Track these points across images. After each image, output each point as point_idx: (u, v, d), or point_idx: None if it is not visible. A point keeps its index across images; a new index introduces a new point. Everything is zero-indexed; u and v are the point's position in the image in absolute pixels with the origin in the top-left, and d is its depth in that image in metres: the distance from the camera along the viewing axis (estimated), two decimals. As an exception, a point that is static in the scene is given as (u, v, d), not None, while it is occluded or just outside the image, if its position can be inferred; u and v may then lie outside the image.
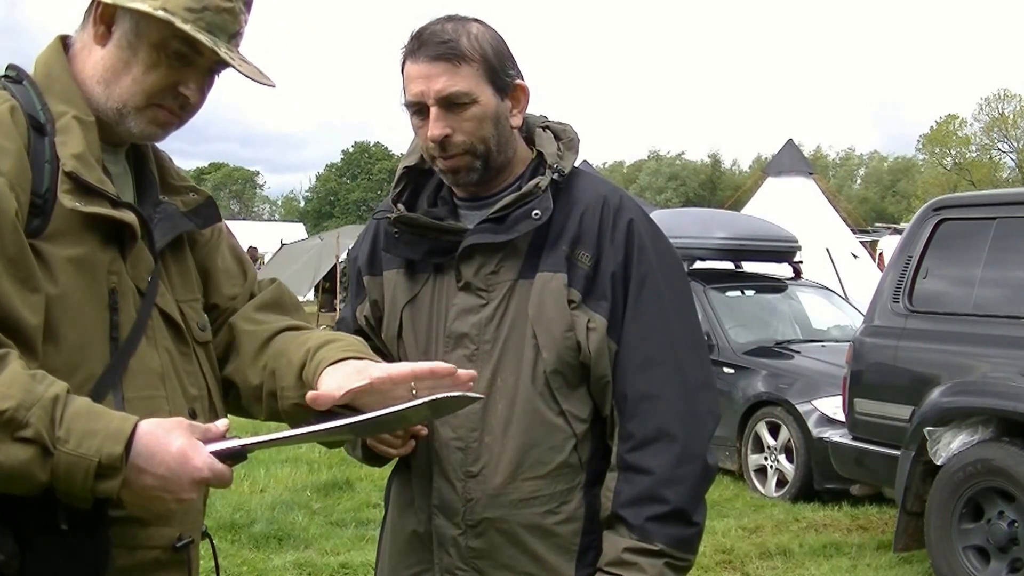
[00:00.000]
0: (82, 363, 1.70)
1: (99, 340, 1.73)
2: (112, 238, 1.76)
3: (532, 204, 2.11)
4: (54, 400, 1.54)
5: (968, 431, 6.01)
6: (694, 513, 2.09)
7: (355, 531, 7.07)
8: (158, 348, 1.84)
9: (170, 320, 1.88)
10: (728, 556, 6.82)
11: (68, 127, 1.75)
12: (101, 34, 1.82)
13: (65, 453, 1.52)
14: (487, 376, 2.12)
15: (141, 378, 1.78)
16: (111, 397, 1.72)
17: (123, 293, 1.77)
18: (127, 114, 1.82)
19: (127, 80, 1.80)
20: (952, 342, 6.34)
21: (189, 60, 1.81)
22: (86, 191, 1.71)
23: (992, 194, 7.65)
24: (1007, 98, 67.59)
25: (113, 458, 1.54)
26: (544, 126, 2.28)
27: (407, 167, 2.26)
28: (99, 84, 1.82)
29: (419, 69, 2.07)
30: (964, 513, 5.97)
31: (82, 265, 1.71)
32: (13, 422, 1.50)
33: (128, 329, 1.78)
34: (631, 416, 2.10)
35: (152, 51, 1.79)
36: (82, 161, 1.72)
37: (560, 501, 2.14)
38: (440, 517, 2.16)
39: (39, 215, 1.67)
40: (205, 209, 2.00)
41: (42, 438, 1.51)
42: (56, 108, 1.77)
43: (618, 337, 2.11)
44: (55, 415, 1.53)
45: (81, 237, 1.71)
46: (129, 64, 1.80)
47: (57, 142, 1.73)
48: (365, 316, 2.31)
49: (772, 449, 8.81)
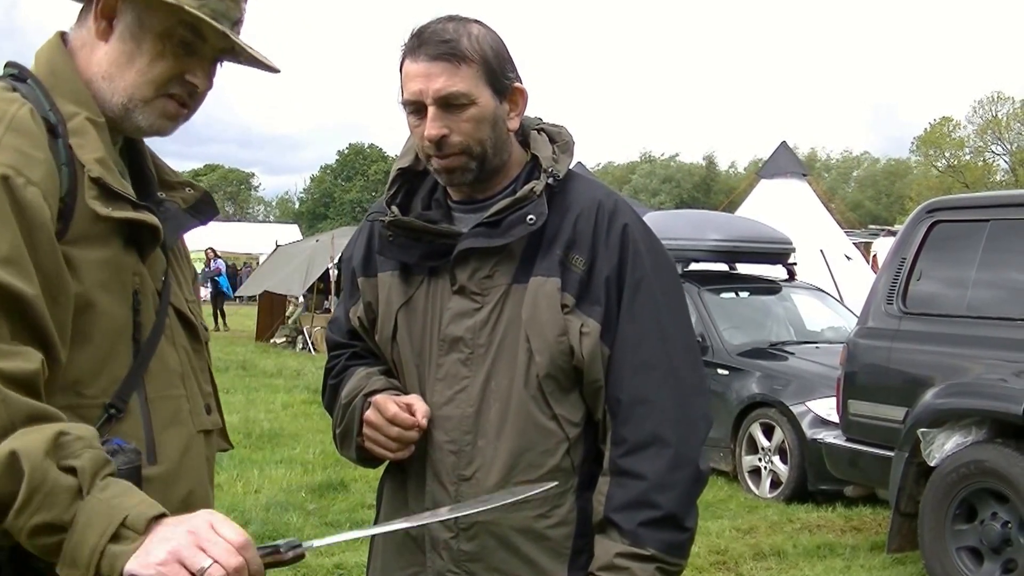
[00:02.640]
0: (107, 364, 1.69)
1: (123, 342, 1.72)
2: (131, 240, 1.75)
3: (527, 209, 2.11)
4: (107, 460, 1.49)
5: (962, 432, 6.02)
6: (686, 518, 2.09)
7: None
8: (176, 347, 1.84)
9: (184, 318, 1.89)
10: (722, 557, 6.83)
11: (82, 129, 1.72)
12: (103, 29, 1.79)
13: (96, 499, 1.44)
14: (481, 380, 2.12)
15: (162, 377, 1.78)
16: (135, 397, 1.72)
17: (144, 294, 1.77)
18: (134, 108, 1.79)
19: (132, 73, 1.77)
20: (946, 344, 6.36)
21: (194, 48, 1.79)
22: (110, 196, 1.69)
23: (986, 196, 7.67)
24: (1000, 100, 67.69)
25: (141, 519, 1.44)
26: (539, 128, 2.27)
27: (401, 168, 2.26)
28: (104, 80, 1.79)
29: (418, 68, 2.06)
30: (957, 514, 5.98)
31: (108, 267, 1.70)
32: (68, 447, 1.45)
33: (148, 329, 1.77)
34: (624, 421, 2.10)
35: (157, 41, 1.76)
36: (104, 165, 1.70)
37: (552, 505, 2.13)
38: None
39: (61, 219, 1.65)
40: (204, 204, 1.98)
41: (84, 476, 1.44)
42: (66, 109, 1.73)
43: (611, 342, 2.11)
44: (102, 469, 1.48)
45: (104, 240, 1.70)
46: (133, 56, 1.77)
47: (73, 144, 1.70)
48: (359, 317, 2.30)
49: (766, 450, 8.82)
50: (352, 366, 2.31)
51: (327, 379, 2.36)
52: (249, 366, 17.95)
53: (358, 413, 2.18)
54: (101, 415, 1.68)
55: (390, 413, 2.10)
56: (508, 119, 2.15)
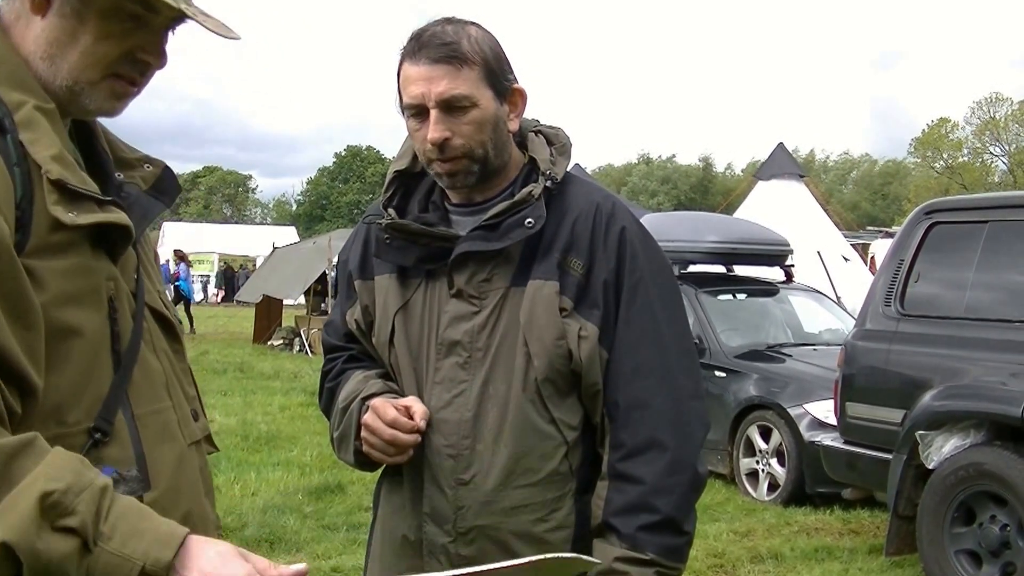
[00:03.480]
0: (88, 384, 1.52)
1: (103, 355, 1.54)
2: (100, 242, 1.55)
3: (525, 212, 2.10)
4: (103, 490, 1.36)
5: (960, 435, 6.01)
6: (684, 522, 2.09)
7: (347, 535, 7.05)
8: (157, 352, 1.67)
9: (161, 318, 1.72)
10: (719, 560, 6.81)
11: (32, 120, 1.51)
12: (39, 3, 1.56)
13: (107, 552, 1.33)
14: (479, 384, 2.11)
15: (146, 389, 1.61)
16: (121, 415, 1.55)
17: (120, 299, 1.58)
18: (80, 91, 1.59)
19: (75, 53, 1.56)
20: (944, 346, 6.34)
21: (144, 21, 1.58)
22: (73, 198, 1.50)
23: (984, 197, 7.67)
24: (999, 101, 67.76)
25: (159, 565, 1.34)
26: (536, 130, 2.27)
27: (398, 171, 2.25)
28: (43, 61, 1.57)
29: (419, 71, 2.05)
30: (956, 517, 5.96)
31: (79, 277, 1.51)
32: (59, 507, 1.31)
33: (127, 338, 1.59)
34: (622, 425, 2.10)
35: (102, 17, 1.55)
36: (63, 163, 1.51)
37: (551, 509, 2.13)
38: (431, 524, 2.15)
39: (19, 228, 1.44)
40: (166, 183, 1.76)
41: (86, 530, 1.32)
42: (9, 98, 1.52)
43: (609, 345, 2.11)
44: (102, 507, 1.35)
45: (72, 247, 1.50)
46: (76, 34, 1.56)
47: (24, 140, 1.49)
48: (356, 320, 2.29)
49: (764, 453, 8.80)
50: (349, 369, 2.30)
51: (324, 382, 2.36)
52: (246, 368, 17.93)
53: (355, 417, 2.17)
54: (85, 442, 1.50)
55: (389, 417, 2.09)
56: (508, 120, 2.15)
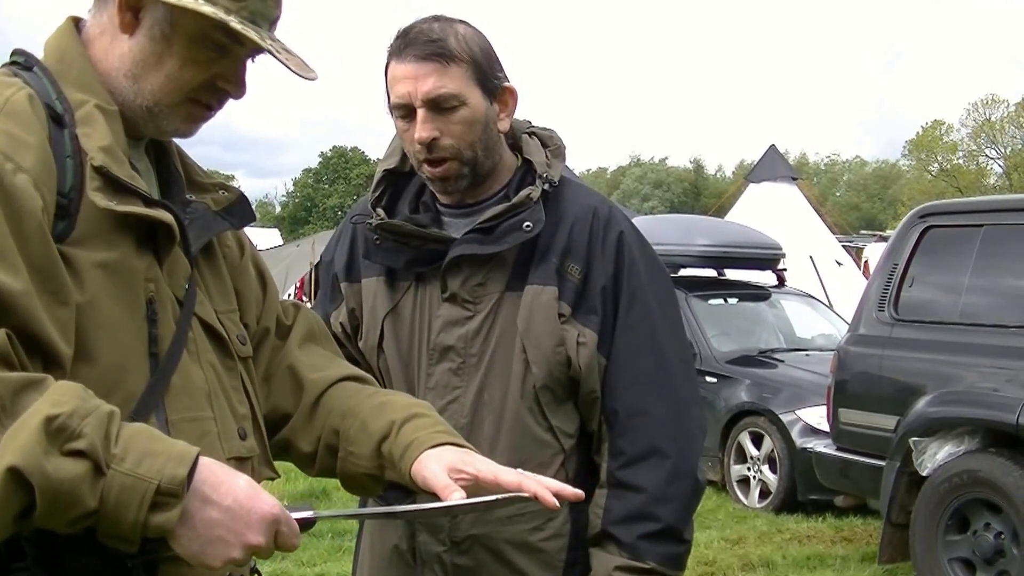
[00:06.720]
0: (120, 382, 1.51)
1: (138, 356, 1.54)
2: (146, 241, 1.58)
3: (523, 216, 2.08)
4: (110, 415, 1.36)
5: (954, 442, 5.99)
6: (685, 531, 2.10)
7: (332, 542, 7.05)
8: (201, 363, 1.65)
9: (212, 332, 1.69)
10: (711, 568, 6.79)
11: (90, 117, 1.57)
12: (128, 22, 1.61)
13: (120, 473, 1.33)
14: (473, 390, 2.09)
15: (185, 397, 1.59)
16: (153, 419, 1.53)
17: (161, 303, 1.58)
18: (159, 112, 1.64)
19: (160, 75, 1.62)
20: (938, 351, 6.32)
21: (228, 50, 1.63)
22: (117, 188, 1.53)
23: (979, 201, 7.60)
24: (994, 103, 67.58)
25: (175, 481, 1.35)
26: (530, 132, 2.24)
27: (387, 170, 2.22)
28: (126, 79, 1.63)
29: (406, 69, 2.02)
30: (950, 525, 5.94)
31: (115, 272, 1.52)
32: (65, 430, 1.31)
33: (168, 343, 1.58)
34: (621, 432, 2.08)
35: (189, 43, 1.60)
36: (111, 155, 1.54)
37: (546, 517, 2.12)
38: (424, 534, 2.13)
39: (64, 217, 1.49)
40: (239, 207, 1.80)
41: (96, 452, 1.32)
42: (74, 97, 1.58)
43: (608, 352, 2.09)
44: (111, 430, 1.35)
45: (112, 240, 1.53)
46: (162, 57, 1.61)
47: (80, 134, 1.54)
48: (341, 323, 2.26)
49: (755, 459, 8.77)
50: None
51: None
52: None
53: None
54: None
55: None
56: (498, 120, 2.12)
